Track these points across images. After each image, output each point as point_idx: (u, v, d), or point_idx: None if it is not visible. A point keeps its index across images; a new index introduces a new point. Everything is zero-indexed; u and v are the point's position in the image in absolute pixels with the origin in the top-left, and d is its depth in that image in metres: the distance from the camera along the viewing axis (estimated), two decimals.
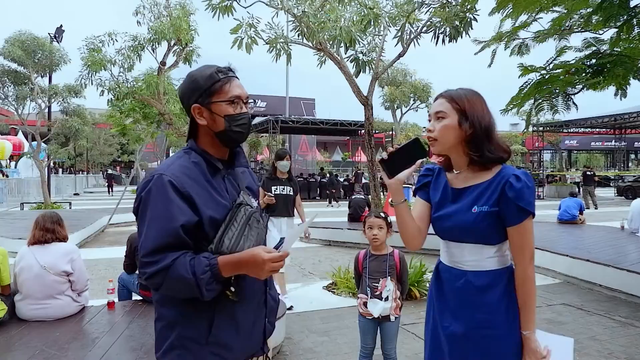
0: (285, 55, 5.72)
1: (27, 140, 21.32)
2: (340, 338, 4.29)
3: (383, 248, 3.11)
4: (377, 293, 3.01)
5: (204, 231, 1.50)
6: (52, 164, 20.20)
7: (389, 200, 1.86)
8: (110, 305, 3.95)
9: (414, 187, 2.05)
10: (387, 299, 3.00)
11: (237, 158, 1.72)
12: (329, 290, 5.96)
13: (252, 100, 1.69)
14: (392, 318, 3.02)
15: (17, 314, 3.63)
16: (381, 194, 21.92)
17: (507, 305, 1.75)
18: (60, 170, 36.76)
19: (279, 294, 4.28)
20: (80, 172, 40.97)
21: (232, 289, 1.52)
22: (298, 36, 6.05)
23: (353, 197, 11.71)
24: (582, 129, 29.24)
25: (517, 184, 1.67)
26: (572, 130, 29.19)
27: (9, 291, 3.67)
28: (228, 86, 1.58)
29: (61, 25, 17.64)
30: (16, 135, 28.14)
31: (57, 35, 17.24)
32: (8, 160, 28.75)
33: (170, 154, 32.22)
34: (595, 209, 17.65)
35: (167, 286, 1.45)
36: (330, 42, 5.53)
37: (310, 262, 8.00)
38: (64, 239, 3.78)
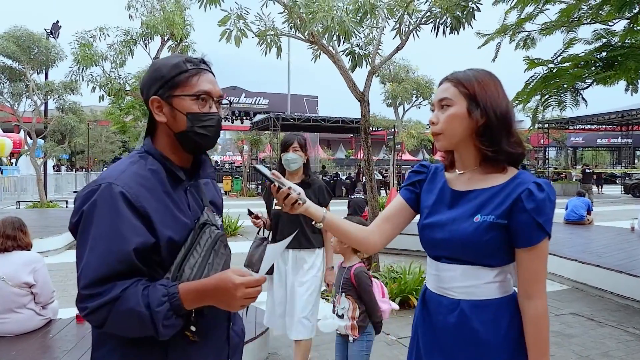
0: (275, 48, 5.39)
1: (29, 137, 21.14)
2: (330, 354, 3.96)
3: (348, 259, 2.81)
4: (334, 308, 2.77)
5: (159, 256, 1.23)
6: (54, 162, 19.94)
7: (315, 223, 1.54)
8: (80, 318, 3.64)
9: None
10: (342, 316, 2.72)
11: (202, 168, 1.42)
12: (323, 297, 5.62)
13: (226, 101, 1.40)
14: (351, 339, 2.71)
15: None
16: (384, 191, 21.58)
17: (515, 344, 1.39)
18: (64, 168, 36.59)
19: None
20: (83, 170, 40.84)
21: (193, 328, 1.22)
22: (290, 29, 5.72)
23: (352, 196, 11.39)
24: (588, 126, 28.80)
25: (539, 194, 1.32)
26: (577, 127, 28.75)
27: None
28: (196, 79, 1.31)
29: (57, 21, 17.35)
30: (19, 132, 28.01)
31: (53, 31, 16.96)
32: (9, 158, 28.66)
33: None
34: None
35: (113, 322, 1.16)
36: (323, 34, 5.18)
37: None
38: (26, 246, 3.46)
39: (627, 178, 28.21)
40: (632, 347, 4.08)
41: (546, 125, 26.13)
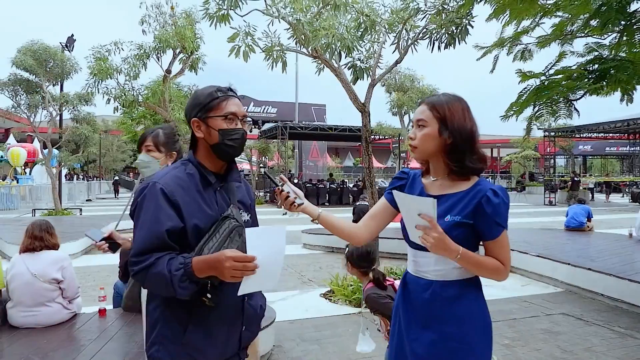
0: (281, 63, 5.74)
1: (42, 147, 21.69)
2: (331, 347, 4.26)
3: (363, 282, 2.99)
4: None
5: (187, 239, 1.62)
6: (67, 171, 20.37)
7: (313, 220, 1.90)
8: (102, 312, 3.98)
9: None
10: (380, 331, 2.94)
11: (230, 173, 1.83)
12: (326, 298, 5.93)
13: (249, 119, 1.83)
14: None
15: (9, 321, 3.67)
16: None
17: (477, 318, 1.74)
18: (76, 177, 37.29)
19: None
20: (95, 179, 41.54)
21: (209, 295, 1.61)
22: (295, 44, 6.08)
23: (357, 203, 11.68)
24: (595, 134, 28.81)
25: (495, 199, 1.67)
26: (584, 135, 28.78)
27: (0, 297, 3.72)
28: (225, 104, 1.72)
29: (72, 35, 17.93)
30: (32, 142, 28.63)
31: (68, 45, 17.53)
32: (23, 167, 29.28)
33: None
34: None
35: (148, 282, 1.60)
36: (326, 50, 5.53)
37: (311, 269, 7.99)
38: (53, 246, 3.82)
39: (634, 186, 28.20)
40: (614, 344, 4.33)
41: (552, 134, 26.21)
